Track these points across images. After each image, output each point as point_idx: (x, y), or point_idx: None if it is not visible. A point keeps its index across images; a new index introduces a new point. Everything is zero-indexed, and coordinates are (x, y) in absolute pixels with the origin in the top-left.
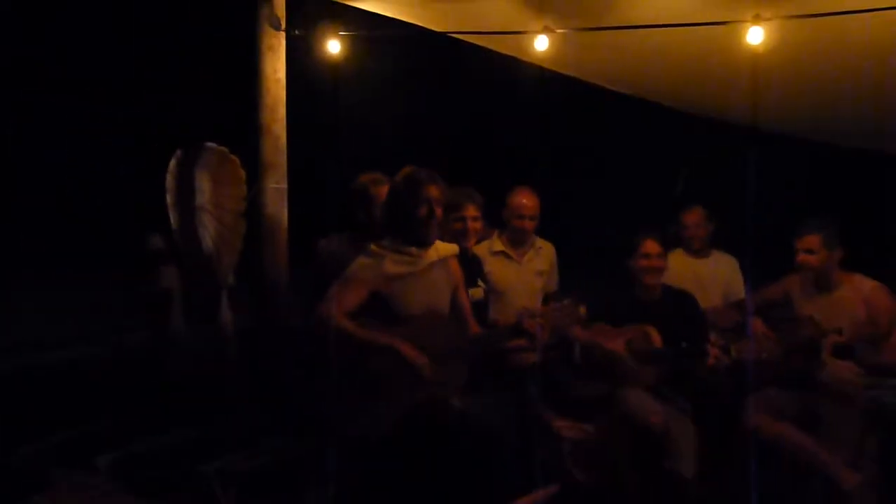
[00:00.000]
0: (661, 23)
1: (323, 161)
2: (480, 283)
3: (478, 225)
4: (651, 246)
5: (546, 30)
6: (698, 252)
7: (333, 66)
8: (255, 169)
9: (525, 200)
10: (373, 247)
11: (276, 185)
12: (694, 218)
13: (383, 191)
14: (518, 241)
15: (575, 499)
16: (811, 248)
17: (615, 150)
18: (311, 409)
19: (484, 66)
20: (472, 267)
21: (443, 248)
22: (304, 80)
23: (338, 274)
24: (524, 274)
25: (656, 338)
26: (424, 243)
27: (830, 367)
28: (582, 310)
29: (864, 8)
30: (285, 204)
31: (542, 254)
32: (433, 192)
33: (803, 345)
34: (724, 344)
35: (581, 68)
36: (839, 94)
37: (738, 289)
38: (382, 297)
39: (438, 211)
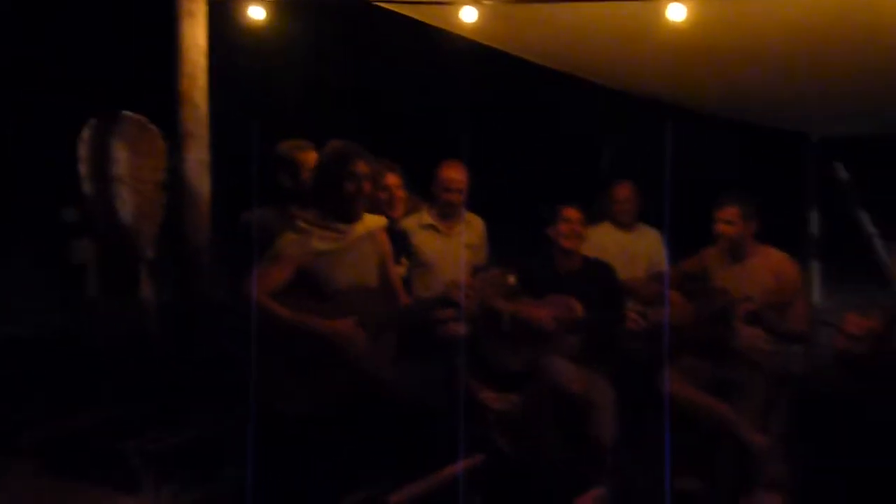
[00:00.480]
0: None
1: (246, 130)
2: (404, 260)
3: (402, 193)
4: (570, 212)
5: (473, 1)
6: (626, 225)
7: (256, 33)
8: (175, 140)
9: (454, 174)
10: (299, 223)
11: (198, 156)
12: (624, 192)
13: (308, 157)
14: (447, 214)
15: (500, 468)
16: (730, 218)
17: (543, 125)
18: (235, 386)
19: (412, 36)
20: (398, 242)
21: (370, 221)
22: (225, 47)
23: (265, 246)
24: (453, 247)
25: (577, 308)
26: (352, 219)
27: (741, 335)
28: (510, 279)
29: None
30: (207, 175)
31: (472, 227)
32: (361, 167)
33: (717, 314)
34: (641, 310)
35: (508, 42)
36: (757, 72)
37: (661, 261)
38: (309, 272)
39: (367, 186)
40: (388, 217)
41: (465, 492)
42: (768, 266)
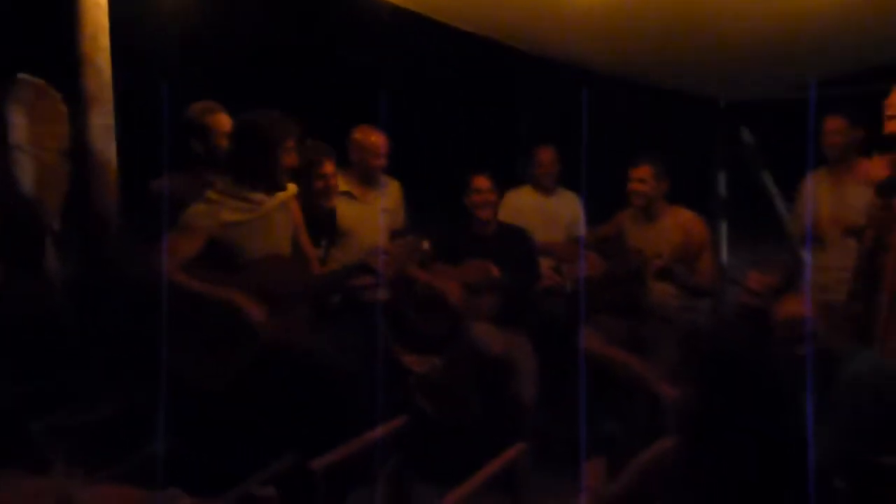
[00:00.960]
0: None
1: (153, 93)
2: (323, 243)
3: (335, 181)
4: (481, 181)
5: None
6: (546, 189)
7: None
8: (78, 104)
9: (375, 139)
10: (210, 193)
11: (102, 121)
12: (546, 156)
13: (219, 120)
14: (367, 180)
15: (422, 429)
16: (643, 177)
17: (462, 89)
18: (148, 361)
19: None
20: (325, 223)
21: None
22: (129, 5)
23: (177, 215)
24: (370, 213)
25: (494, 271)
26: (275, 190)
27: (653, 292)
28: (424, 245)
29: None
30: (113, 141)
31: (388, 192)
32: (289, 141)
33: (630, 273)
34: (556, 266)
35: (425, 3)
36: (666, 37)
37: (580, 225)
38: (220, 243)
39: (291, 159)
40: (320, 204)
41: (385, 454)
42: (678, 225)
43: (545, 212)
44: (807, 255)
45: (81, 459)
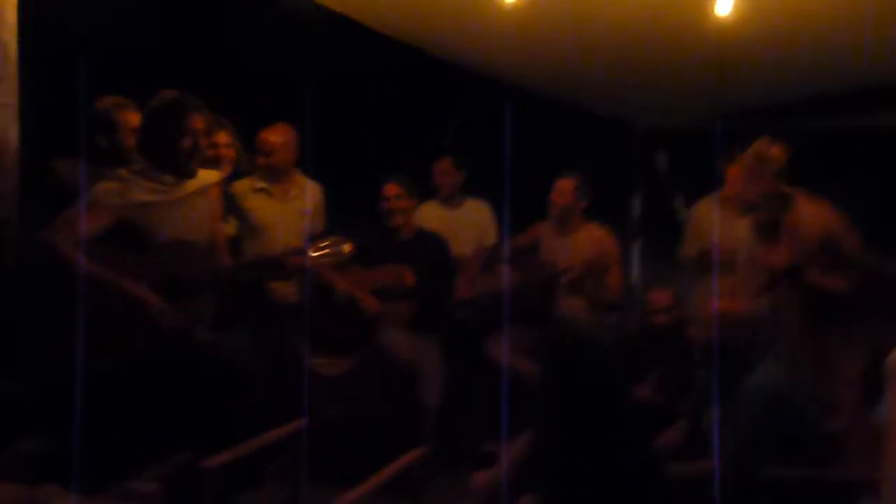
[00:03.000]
0: None
1: (61, 76)
2: (231, 218)
3: (230, 152)
4: (390, 189)
5: None
6: (448, 200)
7: None
8: None
9: (270, 136)
10: (121, 171)
11: (4, 101)
12: (441, 167)
13: (128, 116)
14: (278, 176)
15: (323, 433)
16: (565, 189)
17: (384, 95)
18: (34, 347)
19: None
20: (225, 202)
21: (205, 176)
22: None
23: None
24: (287, 212)
25: (409, 277)
26: (183, 174)
27: (564, 304)
28: (346, 248)
29: None
30: (15, 122)
31: (308, 193)
32: (198, 122)
33: (541, 284)
34: (470, 282)
35: (350, 6)
36: (585, 60)
37: (492, 233)
38: (129, 224)
39: (202, 142)
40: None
41: (282, 454)
42: (591, 240)
43: (449, 224)
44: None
45: None
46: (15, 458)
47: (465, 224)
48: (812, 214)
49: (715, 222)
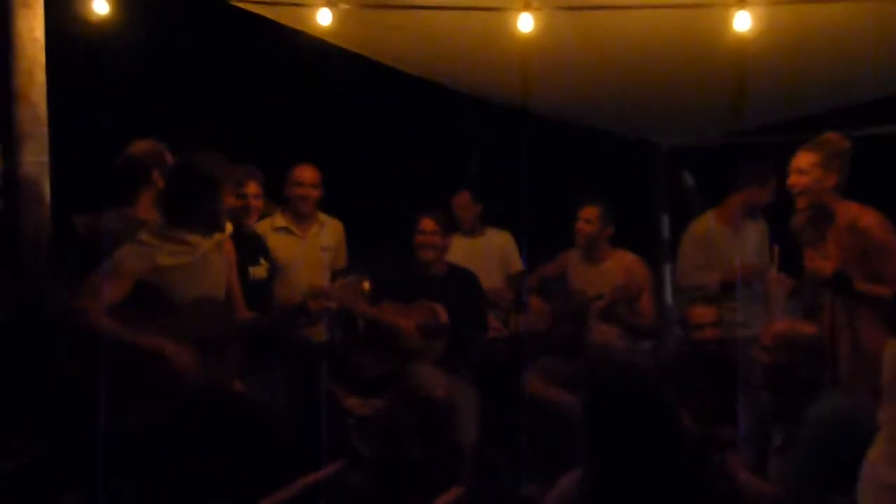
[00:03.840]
0: (440, 5)
1: (89, 131)
2: (263, 261)
3: (259, 203)
4: (426, 223)
5: (329, 3)
6: (470, 232)
7: (99, 28)
8: (10, 141)
9: (305, 172)
10: (142, 235)
11: (36, 159)
12: (460, 201)
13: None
14: (300, 215)
15: (360, 473)
16: (589, 217)
17: (404, 130)
18: (71, 407)
19: (269, 37)
20: (253, 245)
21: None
22: (65, 40)
23: (105, 252)
24: (308, 250)
25: (442, 314)
26: (212, 232)
27: (596, 333)
28: (365, 285)
29: (628, 5)
30: (47, 179)
31: (328, 230)
32: (230, 183)
33: (572, 314)
34: (503, 316)
35: (366, 45)
36: (608, 82)
37: (516, 260)
38: (152, 287)
39: (232, 201)
40: (241, 223)
41: (319, 498)
42: (621, 267)
43: (471, 255)
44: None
45: None
46: None
47: (489, 252)
48: (856, 221)
49: (718, 239)
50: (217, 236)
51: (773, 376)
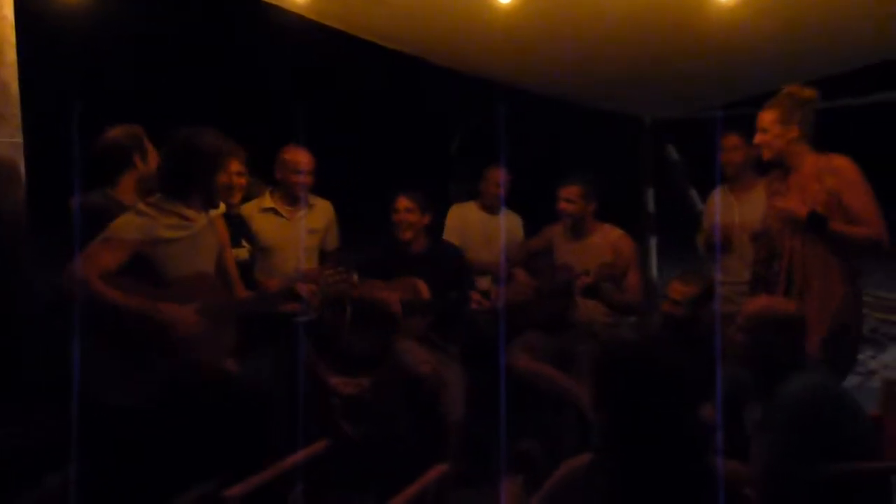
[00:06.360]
0: None
1: (62, 110)
2: (245, 242)
3: (242, 181)
4: (401, 202)
5: None
6: (492, 209)
7: (70, 4)
8: None
9: (300, 157)
10: (140, 206)
11: (10, 140)
12: (496, 176)
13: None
14: (291, 198)
15: (344, 452)
16: (571, 197)
17: (385, 106)
18: (60, 384)
19: (248, 13)
20: (236, 226)
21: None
22: (38, 20)
23: (95, 232)
24: (295, 231)
25: (424, 289)
26: (210, 209)
27: (581, 309)
28: (355, 277)
29: None
30: (22, 160)
31: (317, 211)
32: (229, 159)
33: (558, 289)
34: (485, 290)
35: (346, 21)
36: (589, 55)
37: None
38: (146, 259)
39: (228, 178)
40: (225, 203)
41: (306, 477)
42: (607, 242)
43: (488, 230)
44: (716, 268)
45: None
46: (42, 493)
47: (498, 233)
48: (827, 164)
49: (731, 207)
50: (212, 213)
51: (748, 355)
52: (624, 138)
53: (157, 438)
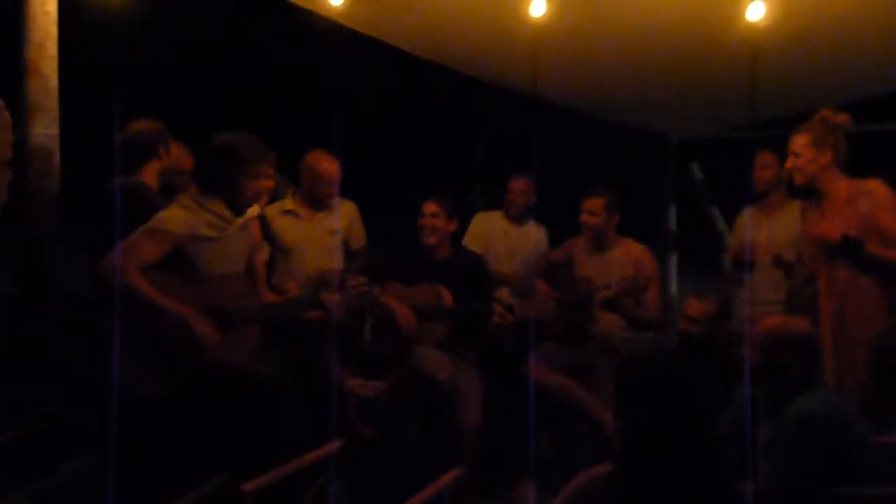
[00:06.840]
0: None
1: (100, 105)
2: (264, 244)
3: (271, 184)
4: (427, 207)
5: None
6: (516, 218)
7: (113, 3)
8: (21, 113)
9: (328, 166)
10: (184, 200)
11: (46, 131)
12: (519, 185)
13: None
14: (314, 202)
15: (359, 454)
16: (594, 209)
17: (413, 113)
18: (82, 375)
19: (282, 17)
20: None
21: (248, 210)
22: (78, 14)
23: (137, 215)
24: (315, 232)
25: (446, 296)
26: (244, 212)
27: (600, 322)
28: (376, 290)
29: None
30: (57, 152)
31: (341, 212)
32: (263, 166)
33: (578, 302)
34: (508, 304)
35: (377, 27)
36: (619, 73)
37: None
38: (183, 254)
39: (262, 184)
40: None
41: (316, 477)
42: (628, 257)
43: (512, 241)
44: (744, 286)
45: (2, 476)
46: (63, 480)
47: (525, 243)
48: (860, 188)
49: (759, 226)
50: (248, 213)
51: (761, 374)
52: (649, 155)
53: (176, 430)
